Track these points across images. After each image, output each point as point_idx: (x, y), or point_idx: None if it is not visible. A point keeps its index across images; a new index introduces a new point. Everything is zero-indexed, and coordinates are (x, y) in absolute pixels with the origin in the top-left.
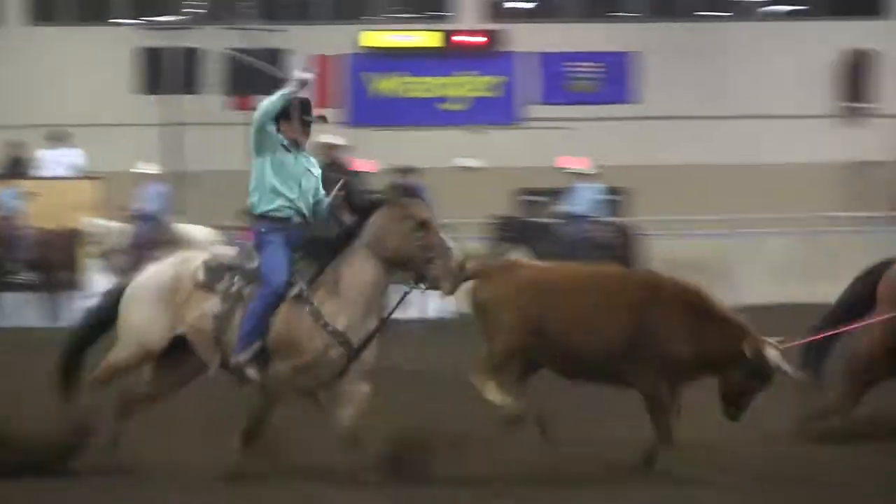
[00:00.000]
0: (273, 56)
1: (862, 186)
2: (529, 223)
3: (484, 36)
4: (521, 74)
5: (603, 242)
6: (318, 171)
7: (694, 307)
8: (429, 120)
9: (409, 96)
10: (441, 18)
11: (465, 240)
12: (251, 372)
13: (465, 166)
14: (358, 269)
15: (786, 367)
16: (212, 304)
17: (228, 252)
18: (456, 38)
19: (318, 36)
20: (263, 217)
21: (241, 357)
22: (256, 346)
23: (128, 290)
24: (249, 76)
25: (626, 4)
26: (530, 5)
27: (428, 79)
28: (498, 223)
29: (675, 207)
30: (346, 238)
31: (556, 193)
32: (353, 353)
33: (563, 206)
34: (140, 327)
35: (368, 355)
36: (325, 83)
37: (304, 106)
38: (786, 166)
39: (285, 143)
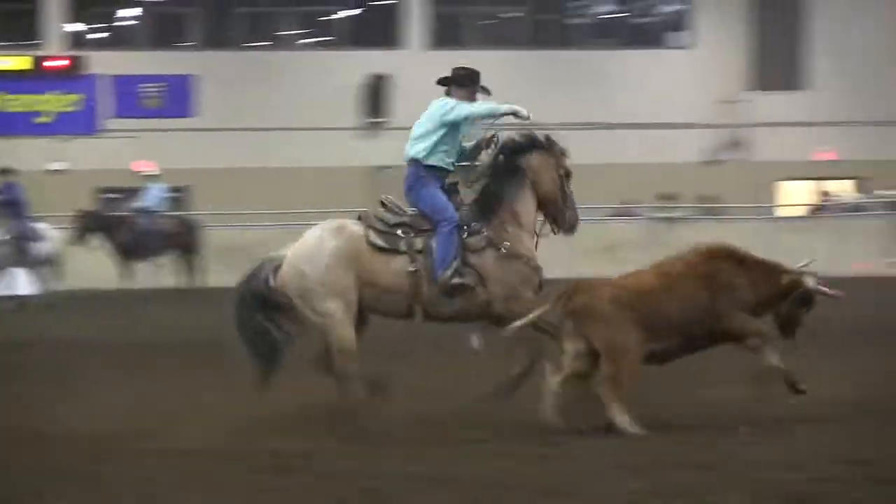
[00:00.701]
0: None
1: (380, 186)
2: (108, 217)
3: (69, 60)
4: (100, 93)
5: (170, 233)
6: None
7: (739, 263)
8: (24, 131)
9: (6, 110)
10: (33, 46)
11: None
12: (459, 280)
13: (54, 169)
14: (530, 206)
15: (823, 289)
16: (402, 264)
17: (380, 211)
18: (45, 63)
19: None
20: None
21: (446, 273)
22: (456, 263)
23: (296, 267)
24: None
25: (186, 35)
26: (107, 35)
27: (22, 96)
28: (81, 217)
29: (230, 203)
30: (507, 175)
31: (130, 192)
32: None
33: (136, 203)
34: (334, 288)
35: None
36: None
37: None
38: (321, 169)
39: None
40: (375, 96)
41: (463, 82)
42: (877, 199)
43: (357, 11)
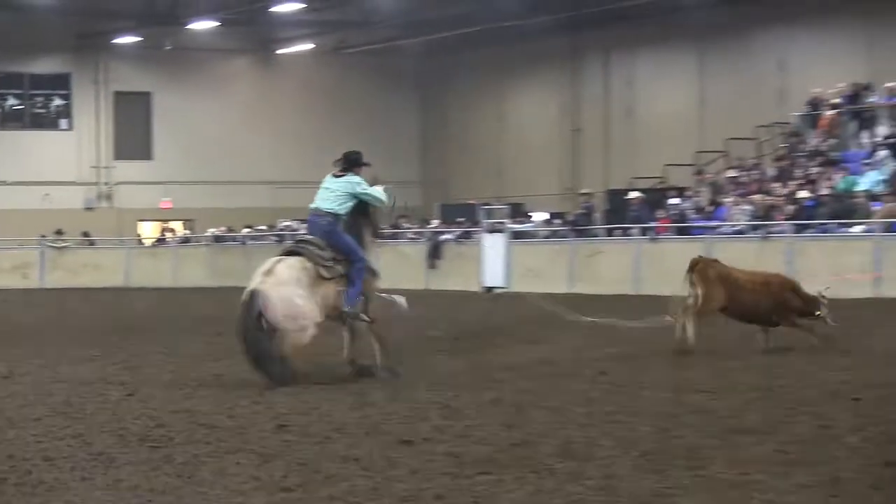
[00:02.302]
0: None
1: None
2: None
3: None
4: None
5: None
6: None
7: (795, 289)
8: None
9: None
10: None
11: None
12: (358, 314)
13: None
14: (370, 234)
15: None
16: (336, 287)
17: (312, 251)
18: None
19: None
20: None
21: (354, 309)
22: (359, 300)
23: (278, 294)
24: None
25: None
26: None
27: None
28: None
29: None
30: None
31: None
32: None
33: None
34: (309, 311)
35: None
36: None
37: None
38: None
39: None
40: None
41: (360, 162)
42: (202, 234)
43: None
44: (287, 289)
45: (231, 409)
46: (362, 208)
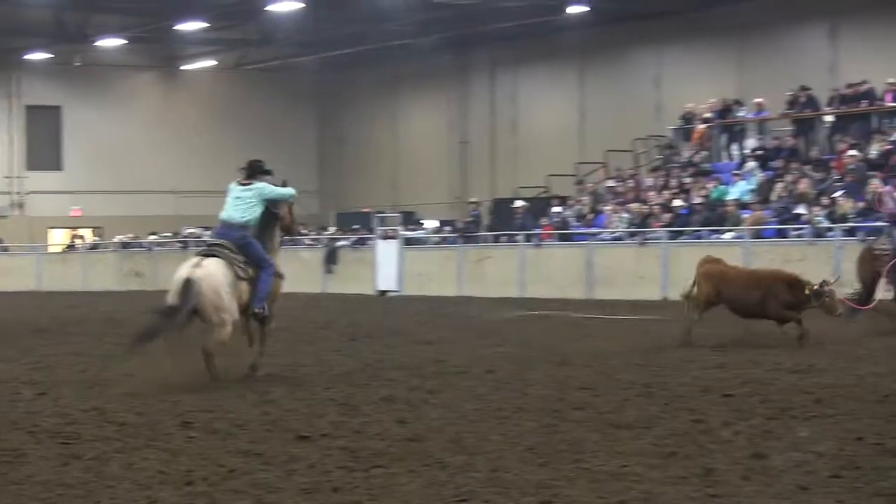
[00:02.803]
0: None
1: None
2: None
3: None
4: None
5: None
6: None
7: (788, 283)
8: None
9: None
10: None
11: None
12: (267, 312)
13: None
14: (279, 236)
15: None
16: (248, 287)
17: (227, 254)
18: None
19: None
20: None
21: (264, 308)
22: (266, 300)
23: (210, 286)
24: None
25: None
26: None
27: None
28: None
29: None
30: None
31: None
32: None
33: None
34: (232, 309)
35: None
36: None
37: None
38: None
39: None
40: None
41: (263, 170)
42: (110, 241)
43: None
44: (216, 281)
45: (139, 407)
46: (269, 214)
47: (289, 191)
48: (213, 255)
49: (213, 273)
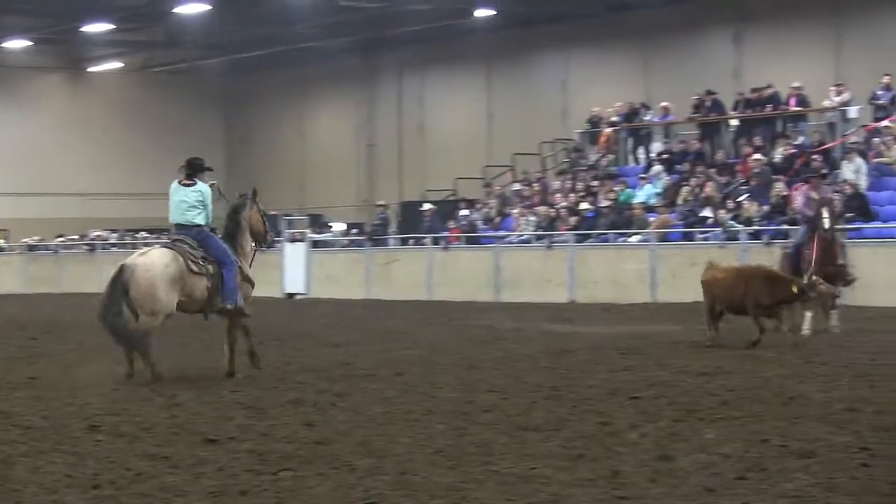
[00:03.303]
0: None
1: None
2: None
3: None
4: None
5: None
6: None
7: (768, 277)
8: None
9: None
10: None
11: None
12: (242, 308)
13: None
14: (249, 243)
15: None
16: (205, 283)
17: (183, 248)
18: None
19: None
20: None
21: (236, 302)
22: (239, 295)
23: (145, 276)
24: None
25: None
26: None
27: None
28: None
29: None
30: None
31: None
32: None
33: None
34: (166, 302)
35: None
36: None
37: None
38: None
39: None
40: None
41: (203, 167)
42: (16, 243)
43: None
44: (152, 274)
45: (44, 411)
46: (233, 222)
47: (209, 214)
48: (168, 248)
49: (154, 263)
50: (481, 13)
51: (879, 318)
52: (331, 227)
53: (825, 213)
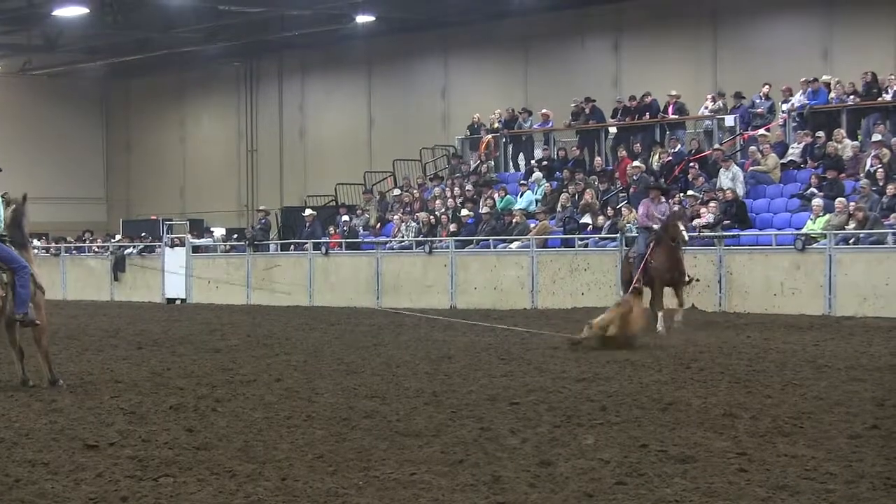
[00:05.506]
0: None
1: None
2: None
3: None
4: None
5: None
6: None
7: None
8: None
9: None
10: None
11: None
12: (33, 316)
13: None
14: (32, 250)
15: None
16: (1, 293)
17: None
18: None
19: None
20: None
21: (27, 312)
22: (30, 304)
23: None
24: None
25: None
26: None
27: None
28: None
29: None
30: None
31: None
32: None
33: None
34: None
35: None
36: None
37: None
38: None
39: None
40: None
41: None
42: None
43: None
44: None
45: None
46: (17, 221)
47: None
48: None
49: None
50: (362, 19)
51: (755, 323)
52: (211, 232)
53: (681, 226)
